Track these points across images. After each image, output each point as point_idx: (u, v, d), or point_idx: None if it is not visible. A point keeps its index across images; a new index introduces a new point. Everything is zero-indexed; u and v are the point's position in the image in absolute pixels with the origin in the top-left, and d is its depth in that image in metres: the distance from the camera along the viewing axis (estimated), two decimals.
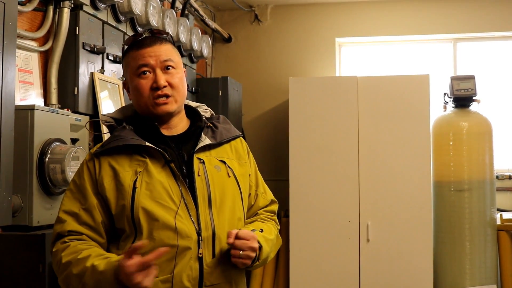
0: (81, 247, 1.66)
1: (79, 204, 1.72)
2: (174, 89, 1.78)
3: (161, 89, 1.75)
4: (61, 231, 1.70)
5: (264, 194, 1.97)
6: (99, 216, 1.71)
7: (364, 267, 4.39)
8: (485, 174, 4.43)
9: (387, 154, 4.41)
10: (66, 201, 1.74)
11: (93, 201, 1.71)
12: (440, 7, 5.22)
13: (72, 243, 1.67)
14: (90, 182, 1.73)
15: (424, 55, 5.42)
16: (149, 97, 1.76)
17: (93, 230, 1.71)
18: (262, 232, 1.79)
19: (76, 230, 1.69)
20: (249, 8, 5.50)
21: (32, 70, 2.76)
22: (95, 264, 1.59)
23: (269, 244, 1.79)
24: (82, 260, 1.61)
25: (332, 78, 4.97)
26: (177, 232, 1.65)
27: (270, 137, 5.42)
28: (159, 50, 1.78)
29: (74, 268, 1.62)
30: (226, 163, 1.82)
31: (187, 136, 1.83)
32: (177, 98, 1.79)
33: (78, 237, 1.69)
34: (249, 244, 1.67)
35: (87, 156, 1.80)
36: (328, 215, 4.45)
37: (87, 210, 1.71)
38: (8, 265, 2.42)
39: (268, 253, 1.80)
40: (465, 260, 4.37)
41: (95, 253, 1.64)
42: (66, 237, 1.69)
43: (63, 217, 1.71)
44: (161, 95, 1.75)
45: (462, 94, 4.53)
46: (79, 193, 1.73)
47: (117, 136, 1.75)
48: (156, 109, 1.76)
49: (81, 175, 1.76)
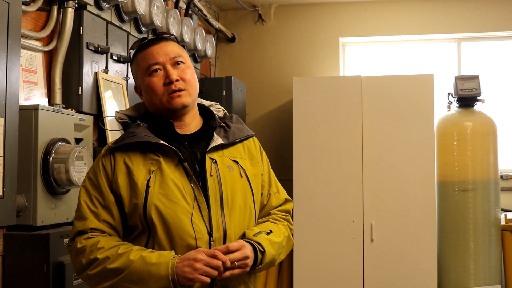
0: (114, 242, 1.67)
1: (98, 202, 1.72)
2: (186, 82, 1.77)
3: (174, 83, 1.75)
4: (83, 228, 1.70)
5: (277, 194, 1.95)
6: (117, 214, 1.72)
7: (368, 267, 4.38)
8: (489, 174, 4.42)
9: (391, 154, 4.40)
10: (85, 198, 1.74)
11: (111, 199, 1.72)
12: (444, 7, 5.21)
13: (102, 238, 1.68)
14: (107, 179, 1.74)
15: (428, 55, 5.40)
16: (163, 94, 1.76)
17: (113, 228, 1.72)
18: (271, 233, 1.78)
19: (98, 228, 1.70)
20: (253, 8, 5.49)
21: (36, 70, 2.76)
22: (144, 255, 1.61)
23: (274, 247, 1.77)
24: (123, 254, 1.62)
25: (336, 78, 4.97)
26: (190, 232, 1.65)
27: (274, 137, 5.42)
28: (166, 47, 1.79)
29: (113, 263, 1.62)
30: (238, 163, 1.82)
31: (200, 135, 1.82)
32: (191, 92, 1.79)
33: (101, 234, 1.70)
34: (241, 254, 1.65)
35: (102, 151, 1.80)
36: (332, 215, 4.44)
37: (106, 208, 1.72)
38: (12, 264, 2.43)
39: (274, 256, 1.78)
40: (469, 260, 4.36)
41: (136, 247, 1.66)
42: (89, 233, 1.69)
43: (85, 215, 1.71)
44: (175, 89, 1.75)
45: (466, 94, 4.52)
46: (96, 191, 1.73)
47: (132, 133, 1.75)
48: (171, 103, 1.75)
49: (97, 172, 1.76)
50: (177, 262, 1.59)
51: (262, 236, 1.74)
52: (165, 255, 1.61)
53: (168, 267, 1.58)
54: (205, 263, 1.58)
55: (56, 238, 2.42)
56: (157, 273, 1.58)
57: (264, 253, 1.72)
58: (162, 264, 1.59)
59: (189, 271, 1.57)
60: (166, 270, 1.58)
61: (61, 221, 2.56)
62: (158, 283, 1.59)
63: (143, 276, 1.59)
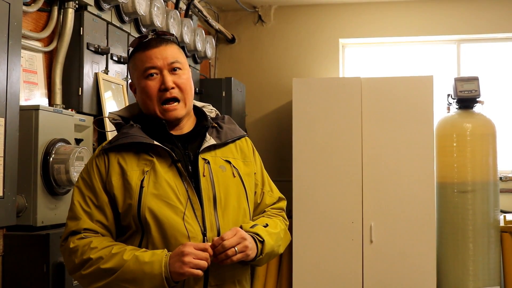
0: (107, 243, 1.67)
1: (91, 202, 1.72)
2: (182, 90, 1.78)
3: (169, 91, 1.75)
4: (76, 228, 1.71)
5: (270, 192, 1.97)
6: (110, 214, 1.72)
7: (367, 268, 4.38)
8: (488, 176, 4.42)
9: (390, 155, 4.40)
10: (78, 198, 1.74)
11: (104, 199, 1.72)
12: (443, 9, 5.22)
13: (95, 239, 1.68)
14: (100, 180, 1.74)
15: (428, 56, 5.41)
16: (157, 101, 1.76)
17: (106, 228, 1.72)
18: (267, 226, 1.80)
19: (91, 228, 1.70)
20: (252, 9, 5.50)
21: (36, 70, 2.77)
22: (137, 254, 1.62)
23: (273, 237, 1.79)
24: (116, 254, 1.63)
25: (336, 79, 4.97)
26: (184, 232, 1.66)
27: (274, 138, 5.42)
28: (165, 51, 1.79)
29: (107, 263, 1.62)
30: (231, 163, 1.83)
31: (193, 136, 1.83)
32: (186, 102, 1.80)
33: (94, 234, 1.70)
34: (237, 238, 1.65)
35: (95, 151, 1.80)
36: (331, 216, 4.44)
37: (100, 208, 1.72)
38: (12, 265, 2.43)
39: (273, 247, 1.79)
40: (468, 262, 4.37)
41: (129, 247, 1.66)
42: (82, 233, 1.70)
43: (78, 215, 1.72)
44: (170, 98, 1.76)
45: (466, 96, 4.53)
46: (89, 191, 1.74)
47: (125, 134, 1.76)
48: (165, 116, 1.77)
49: (90, 172, 1.76)
50: (169, 259, 1.60)
51: (258, 227, 1.76)
52: (158, 254, 1.62)
53: (161, 265, 1.59)
54: (193, 256, 1.58)
55: (56, 239, 2.42)
56: (151, 271, 1.59)
57: (263, 243, 1.73)
58: (156, 263, 1.60)
59: (178, 266, 1.58)
60: (159, 268, 1.59)
61: (61, 222, 2.56)
62: (152, 282, 1.60)
63: (137, 275, 1.60)
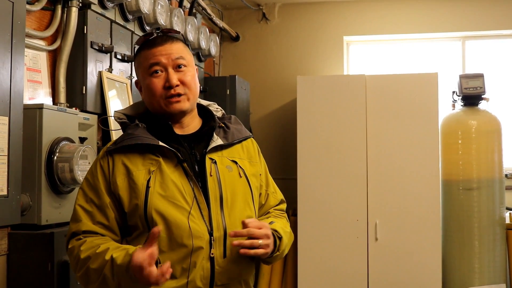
0: (98, 242, 1.66)
1: (93, 203, 1.72)
2: (186, 87, 1.77)
3: (173, 88, 1.75)
4: (76, 230, 1.71)
5: (274, 194, 1.98)
6: (112, 214, 1.71)
7: (372, 266, 4.38)
8: (494, 173, 4.41)
9: (395, 153, 4.39)
10: (81, 200, 1.74)
11: (106, 200, 1.71)
12: (448, 5, 5.19)
13: (89, 239, 1.68)
14: (104, 181, 1.73)
15: (433, 53, 5.39)
16: (161, 96, 1.76)
17: (107, 228, 1.72)
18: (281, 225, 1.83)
19: (91, 230, 1.70)
20: (256, 6, 5.49)
21: (40, 69, 2.77)
22: (114, 256, 1.58)
23: (287, 235, 1.82)
24: (101, 254, 1.61)
25: (340, 77, 4.96)
26: (191, 232, 1.65)
27: (278, 136, 5.41)
28: (170, 48, 1.78)
29: (94, 263, 1.61)
30: (237, 163, 1.83)
31: (200, 136, 1.82)
32: (190, 96, 1.79)
33: (93, 235, 1.70)
34: (264, 232, 1.67)
35: (100, 153, 1.80)
36: (336, 214, 4.44)
37: (101, 209, 1.71)
38: (17, 263, 2.44)
39: (286, 245, 1.82)
40: (474, 259, 4.35)
41: (113, 245, 1.64)
42: (82, 235, 1.70)
43: (79, 216, 1.72)
44: (174, 94, 1.75)
45: (471, 93, 4.51)
46: (92, 192, 1.73)
47: (130, 135, 1.75)
48: (169, 108, 1.76)
49: (94, 173, 1.76)
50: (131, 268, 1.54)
51: (276, 224, 1.78)
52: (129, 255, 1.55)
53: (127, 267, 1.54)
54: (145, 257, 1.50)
55: (60, 237, 2.42)
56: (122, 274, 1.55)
57: (281, 240, 1.75)
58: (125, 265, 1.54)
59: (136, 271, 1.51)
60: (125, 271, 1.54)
61: (65, 220, 2.56)
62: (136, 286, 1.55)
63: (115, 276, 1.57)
